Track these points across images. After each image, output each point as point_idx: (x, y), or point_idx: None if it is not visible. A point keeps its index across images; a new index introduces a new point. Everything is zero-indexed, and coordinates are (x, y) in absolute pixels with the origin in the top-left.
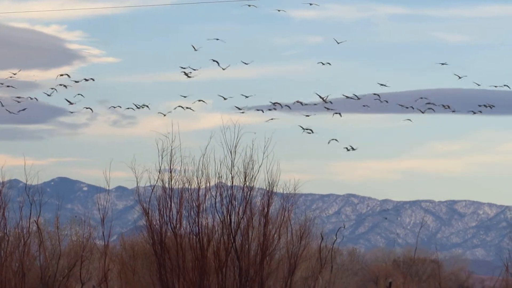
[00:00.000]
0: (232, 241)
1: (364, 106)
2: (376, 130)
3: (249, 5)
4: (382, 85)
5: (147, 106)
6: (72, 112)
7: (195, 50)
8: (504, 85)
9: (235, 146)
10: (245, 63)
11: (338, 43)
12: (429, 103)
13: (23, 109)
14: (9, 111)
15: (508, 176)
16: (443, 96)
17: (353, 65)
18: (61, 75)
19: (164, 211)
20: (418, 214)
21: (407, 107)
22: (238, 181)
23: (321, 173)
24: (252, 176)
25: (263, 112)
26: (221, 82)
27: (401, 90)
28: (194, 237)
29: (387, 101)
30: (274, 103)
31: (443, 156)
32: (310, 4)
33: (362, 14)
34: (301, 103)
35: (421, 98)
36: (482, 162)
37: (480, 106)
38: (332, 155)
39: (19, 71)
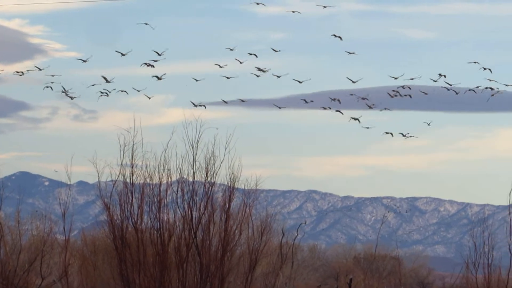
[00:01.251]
0: (193, 236)
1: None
2: (338, 126)
3: (257, 3)
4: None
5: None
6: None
7: (231, 50)
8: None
9: (197, 142)
10: (253, 55)
11: (324, 7)
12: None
13: None
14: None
15: (469, 173)
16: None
17: (317, 61)
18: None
19: (125, 206)
20: (379, 211)
21: (394, 93)
22: (199, 177)
23: (283, 169)
24: (214, 172)
25: (226, 102)
26: (184, 76)
27: (367, 86)
28: (155, 232)
29: (367, 98)
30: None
31: (404, 152)
32: (321, 5)
33: (325, 10)
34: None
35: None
36: (443, 159)
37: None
38: (295, 151)
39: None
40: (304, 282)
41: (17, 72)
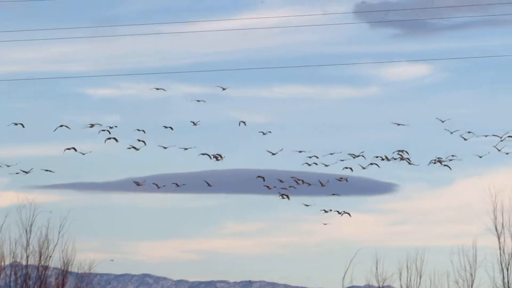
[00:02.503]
0: None
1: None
2: (174, 209)
3: (223, 88)
4: (270, 154)
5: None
6: None
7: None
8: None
9: (31, 225)
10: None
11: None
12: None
13: None
14: None
15: (304, 256)
16: (236, 176)
17: (151, 144)
18: None
19: None
20: None
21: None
22: (33, 260)
23: (117, 253)
24: (47, 255)
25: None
26: (17, 160)
27: (198, 170)
28: None
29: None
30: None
31: (239, 236)
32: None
33: (159, 93)
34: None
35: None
36: (281, 242)
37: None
38: (128, 234)
39: None
40: None
41: None
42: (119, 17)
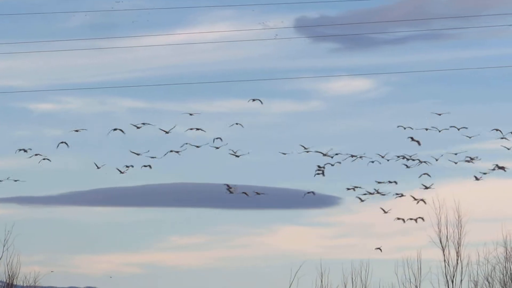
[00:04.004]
0: None
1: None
2: (115, 223)
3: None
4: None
5: None
6: None
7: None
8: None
9: None
10: None
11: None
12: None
13: None
14: None
15: (249, 269)
16: (177, 189)
17: (93, 158)
18: None
19: None
20: None
21: None
22: None
23: (61, 266)
24: None
25: None
26: None
27: (137, 184)
28: None
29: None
30: None
31: (183, 249)
32: (190, 114)
33: (102, 107)
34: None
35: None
36: (220, 256)
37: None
38: (71, 248)
39: None
40: None
41: None
42: (61, 31)
